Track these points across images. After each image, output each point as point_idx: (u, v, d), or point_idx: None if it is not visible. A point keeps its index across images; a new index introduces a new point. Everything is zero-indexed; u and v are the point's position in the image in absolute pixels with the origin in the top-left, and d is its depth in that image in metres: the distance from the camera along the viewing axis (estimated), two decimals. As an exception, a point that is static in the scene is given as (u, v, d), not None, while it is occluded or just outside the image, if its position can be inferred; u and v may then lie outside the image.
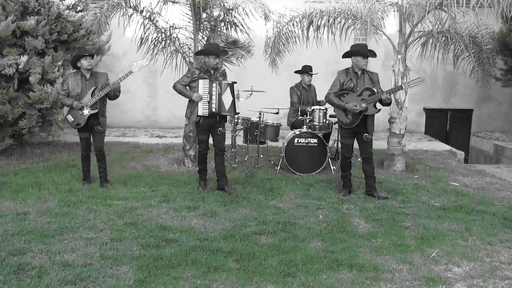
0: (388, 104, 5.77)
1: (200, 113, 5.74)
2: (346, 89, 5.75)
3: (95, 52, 6.01)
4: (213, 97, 5.71)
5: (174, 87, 5.87)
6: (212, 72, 5.81)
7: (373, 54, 5.76)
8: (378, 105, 5.76)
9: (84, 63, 5.75)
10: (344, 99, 5.74)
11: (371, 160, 5.89)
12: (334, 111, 6.03)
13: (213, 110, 5.73)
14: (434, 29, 6.83)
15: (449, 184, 6.57)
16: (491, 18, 6.23)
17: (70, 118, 5.84)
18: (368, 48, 5.75)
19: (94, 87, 5.80)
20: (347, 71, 5.82)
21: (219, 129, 5.86)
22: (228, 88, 5.78)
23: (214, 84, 5.73)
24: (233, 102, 5.81)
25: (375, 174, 5.99)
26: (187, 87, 5.86)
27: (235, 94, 5.84)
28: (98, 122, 5.90)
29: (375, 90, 5.64)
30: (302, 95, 7.62)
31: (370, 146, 5.87)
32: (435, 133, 11.60)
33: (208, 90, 5.72)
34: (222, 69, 6.02)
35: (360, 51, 5.65)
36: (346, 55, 5.82)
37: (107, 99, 6.00)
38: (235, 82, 5.92)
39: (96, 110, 5.83)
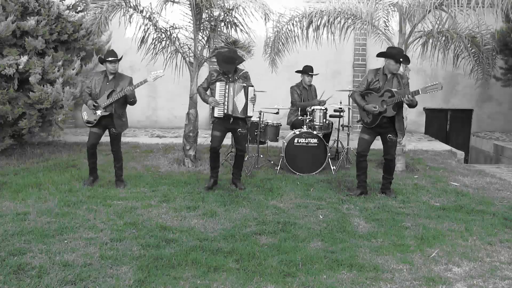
0: (413, 106, 5.68)
1: (215, 115, 5.88)
2: (372, 89, 5.74)
3: (121, 57, 5.98)
4: (227, 99, 5.79)
5: (197, 90, 6.13)
6: (230, 74, 5.87)
7: (407, 61, 5.74)
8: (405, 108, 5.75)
9: (109, 66, 5.85)
10: (368, 98, 5.75)
11: (392, 162, 5.87)
12: (357, 109, 6.00)
13: (226, 111, 5.81)
14: (434, 29, 6.83)
15: (449, 184, 6.57)
16: (491, 18, 6.23)
17: (84, 115, 5.96)
18: (404, 54, 5.72)
19: (112, 89, 5.83)
20: (377, 71, 5.80)
21: (239, 129, 5.96)
22: (242, 90, 5.84)
23: (228, 86, 5.80)
24: (245, 105, 5.86)
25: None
26: (208, 90, 5.98)
27: (250, 97, 5.86)
28: (112, 125, 5.91)
29: (395, 92, 5.62)
30: (303, 95, 7.62)
31: (392, 147, 5.82)
32: (435, 133, 11.60)
33: (223, 92, 5.79)
34: (243, 71, 6.05)
35: (394, 55, 5.60)
36: (380, 55, 5.77)
37: (127, 103, 5.99)
38: (252, 85, 5.95)
39: (108, 113, 5.85)
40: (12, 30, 7.12)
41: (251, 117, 6.15)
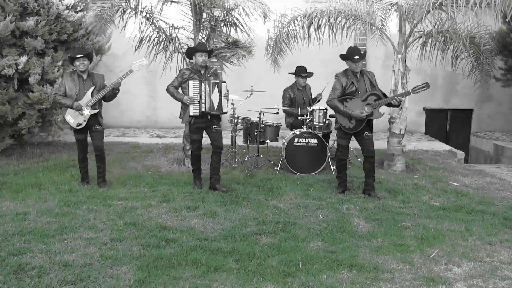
0: (397, 106, 5.70)
1: (191, 113, 5.76)
2: (349, 93, 5.67)
3: (90, 51, 5.92)
4: (203, 97, 5.72)
5: (167, 90, 5.90)
6: (202, 72, 5.82)
7: (362, 56, 5.61)
8: (382, 109, 5.74)
9: (77, 64, 5.68)
10: (348, 104, 5.66)
11: (373, 159, 5.87)
12: (335, 115, 5.89)
13: (203, 109, 5.74)
14: (434, 29, 6.84)
15: (449, 184, 6.57)
16: (491, 18, 6.23)
17: (70, 119, 5.77)
18: (361, 50, 5.69)
19: (94, 87, 5.78)
20: (346, 73, 5.74)
21: (214, 126, 5.88)
22: (216, 87, 5.77)
23: (203, 84, 5.73)
24: (220, 101, 5.79)
25: (375, 174, 5.98)
26: (180, 89, 5.88)
27: (223, 93, 5.81)
28: (96, 122, 5.88)
29: (380, 95, 5.61)
30: (297, 97, 7.59)
31: (372, 144, 5.84)
32: (435, 133, 11.60)
33: (198, 90, 5.72)
34: (213, 68, 6.00)
35: (348, 55, 5.58)
36: (341, 57, 5.76)
37: (103, 101, 5.92)
38: (224, 81, 5.92)
39: (97, 110, 5.82)
40: (11, 30, 7.11)
41: (226, 113, 5.98)
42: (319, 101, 7.62)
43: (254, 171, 6.97)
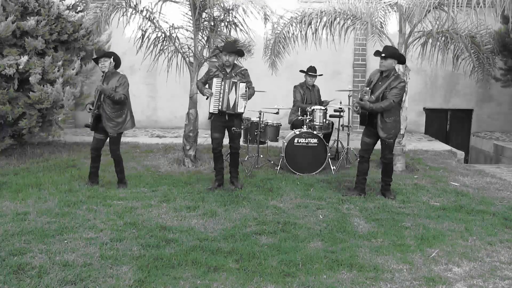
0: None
1: (211, 110, 5.88)
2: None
3: (106, 53, 5.90)
4: (221, 95, 5.80)
5: (196, 84, 6.10)
6: (228, 70, 5.88)
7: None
8: None
9: (98, 66, 5.82)
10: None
11: (385, 161, 5.88)
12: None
13: (220, 108, 5.81)
14: (434, 29, 6.83)
15: (449, 184, 6.57)
16: (491, 18, 6.23)
17: (90, 118, 5.87)
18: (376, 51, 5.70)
19: (99, 89, 5.79)
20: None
21: (233, 128, 5.95)
22: (234, 86, 5.82)
23: (223, 82, 5.81)
24: (235, 101, 5.84)
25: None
26: (206, 85, 5.99)
27: (240, 93, 5.83)
28: (108, 126, 5.78)
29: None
30: (306, 95, 7.63)
31: (384, 148, 5.80)
32: (435, 133, 11.60)
33: (219, 88, 5.81)
34: (242, 68, 6.03)
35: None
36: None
37: (113, 103, 5.74)
38: (244, 82, 5.93)
39: (97, 112, 5.75)
40: (12, 30, 7.11)
41: (242, 113, 5.98)
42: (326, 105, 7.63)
43: (254, 171, 6.97)
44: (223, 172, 6.12)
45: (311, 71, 7.60)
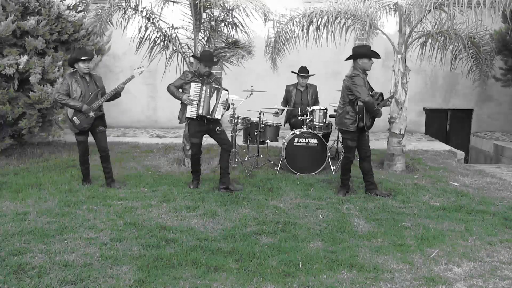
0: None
1: (188, 115, 5.78)
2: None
3: (94, 54, 5.96)
4: (202, 100, 5.74)
5: (167, 88, 5.90)
6: (205, 77, 5.85)
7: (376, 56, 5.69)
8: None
9: (82, 66, 5.65)
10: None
11: (370, 158, 5.94)
12: (360, 116, 5.65)
13: (200, 112, 5.75)
14: (433, 29, 6.84)
15: (449, 184, 6.57)
16: (490, 18, 6.23)
17: (76, 120, 5.70)
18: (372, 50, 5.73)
19: (98, 89, 5.79)
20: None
21: (217, 128, 5.89)
22: (215, 92, 5.79)
23: (204, 87, 5.75)
24: (215, 107, 5.79)
25: (373, 174, 6.01)
26: (180, 89, 5.89)
27: (221, 100, 5.78)
28: (100, 123, 5.89)
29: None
30: (296, 96, 7.62)
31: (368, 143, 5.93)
32: (435, 133, 11.61)
33: (198, 93, 5.75)
34: (216, 76, 6.03)
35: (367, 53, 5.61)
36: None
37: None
38: (227, 90, 5.90)
39: (101, 113, 5.84)
40: (12, 30, 7.12)
41: (218, 119, 5.87)
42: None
43: (254, 171, 6.98)
44: (200, 174, 6.17)
45: (302, 72, 7.56)
